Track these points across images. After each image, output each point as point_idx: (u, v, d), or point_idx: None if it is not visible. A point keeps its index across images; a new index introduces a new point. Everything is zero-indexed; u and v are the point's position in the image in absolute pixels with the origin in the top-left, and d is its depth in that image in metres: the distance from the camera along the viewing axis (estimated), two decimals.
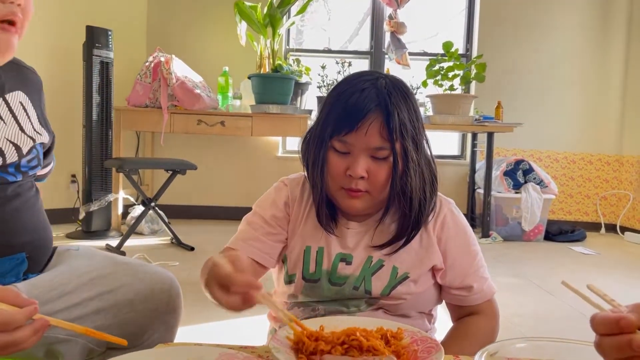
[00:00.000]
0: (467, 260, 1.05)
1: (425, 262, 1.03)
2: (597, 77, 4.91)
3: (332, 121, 0.96)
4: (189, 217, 4.55)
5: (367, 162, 0.95)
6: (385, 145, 0.94)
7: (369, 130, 0.93)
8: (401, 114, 0.94)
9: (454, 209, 1.07)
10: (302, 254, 1.04)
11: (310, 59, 4.73)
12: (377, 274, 1.01)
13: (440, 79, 4.07)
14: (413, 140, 0.97)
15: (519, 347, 0.77)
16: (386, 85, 0.96)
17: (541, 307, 2.65)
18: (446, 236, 1.04)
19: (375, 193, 0.97)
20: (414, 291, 1.02)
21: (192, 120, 3.93)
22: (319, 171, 0.99)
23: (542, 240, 4.36)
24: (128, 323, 1.00)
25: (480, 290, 1.05)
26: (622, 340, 0.52)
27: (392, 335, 0.81)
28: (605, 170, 4.99)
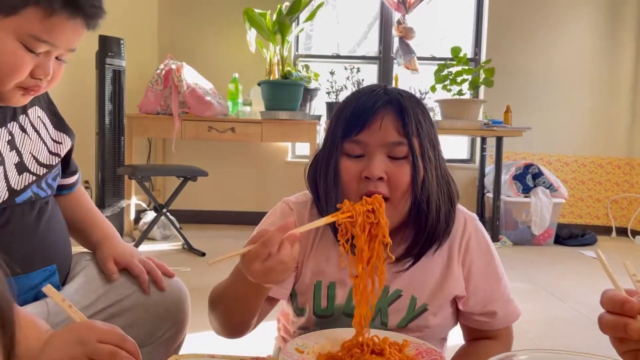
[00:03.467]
0: (491, 284, 0.97)
1: (446, 292, 0.95)
2: (606, 80, 4.89)
3: (341, 125, 0.90)
4: (199, 222, 4.60)
5: (384, 161, 0.87)
6: (402, 140, 0.87)
7: (383, 124, 0.87)
8: (415, 113, 0.89)
9: (478, 225, 0.99)
10: (311, 288, 0.96)
11: (319, 65, 4.76)
12: (394, 305, 0.95)
13: (449, 84, 4.08)
14: (430, 141, 0.91)
15: (522, 359, 0.79)
16: (397, 90, 0.93)
17: (551, 312, 2.65)
18: (470, 259, 0.96)
19: (396, 200, 0.88)
20: (432, 324, 0.95)
21: (203, 127, 3.97)
22: (332, 182, 0.90)
23: (552, 244, 4.35)
24: (141, 324, 1.04)
25: (504, 316, 0.98)
26: (619, 321, 0.54)
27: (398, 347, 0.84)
28: (615, 174, 4.97)
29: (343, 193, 0.90)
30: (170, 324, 1.07)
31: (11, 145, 0.96)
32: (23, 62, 0.85)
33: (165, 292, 1.08)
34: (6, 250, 0.91)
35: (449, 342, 1.08)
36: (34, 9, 0.82)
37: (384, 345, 0.82)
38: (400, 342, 0.84)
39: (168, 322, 1.07)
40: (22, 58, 0.85)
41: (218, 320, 0.94)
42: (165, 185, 4.69)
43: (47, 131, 1.04)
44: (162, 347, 1.06)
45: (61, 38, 0.87)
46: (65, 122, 1.10)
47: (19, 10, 0.81)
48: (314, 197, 0.97)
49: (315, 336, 0.88)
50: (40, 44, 0.85)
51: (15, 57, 0.84)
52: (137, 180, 3.44)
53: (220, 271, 0.89)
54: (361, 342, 0.83)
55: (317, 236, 0.97)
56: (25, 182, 0.96)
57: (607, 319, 0.55)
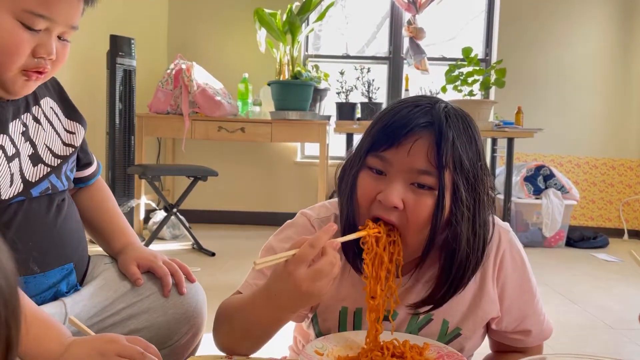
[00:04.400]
0: (526, 300, 0.91)
1: (480, 315, 0.89)
2: (619, 81, 4.84)
3: (372, 135, 0.82)
4: (209, 222, 4.60)
5: (404, 189, 0.78)
6: (430, 170, 0.77)
7: (413, 149, 0.77)
8: (457, 141, 0.77)
9: (513, 238, 0.91)
10: (336, 315, 0.90)
11: (329, 65, 4.75)
12: (424, 330, 0.89)
13: (460, 85, 4.05)
14: (468, 179, 0.79)
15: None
16: (447, 107, 0.81)
17: (564, 315, 2.62)
18: (504, 275, 0.89)
19: (408, 232, 0.79)
20: (465, 348, 0.90)
21: (213, 127, 3.97)
22: (348, 195, 0.83)
23: (564, 247, 4.31)
24: (159, 327, 1.03)
25: (538, 334, 0.93)
26: None
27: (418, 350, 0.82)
28: (628, 176, 4.92)
29: (356, 210, 0.83)
30: (187, 328, 1.06)
31: (25, 136, 0.95)
32: (22, 40, 0.81)
33: (184, 296, 1.06)
34: (25, 246, 0.91)
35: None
36: None
37: (404, 349, 0.81)
38: (420, 345, 0.83)
39: (185, 326, 1.05)
40: (20, 36, 0.81)
41: (224, 340, 0.87)
42: (174, 185, 4.69)
43: (59, 121, 1.03)
44: (178, 351, 1.05)
45: (59, 12, 0.83)
46: (76, 109, 1.08)
47: None
48: (338, 205, 0.89)
49: (335, 338, 0.87)
50: (37, 19, 0.82)
51: (14, 36, 0.80)
52: (147, 180, 3.44)
53: (230, 273, 0.87)
54: (381, 345, 0.81)
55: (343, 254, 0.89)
56: (40, 174, 0.95)
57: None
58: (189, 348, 1.08)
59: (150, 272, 1.07)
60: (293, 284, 0.72)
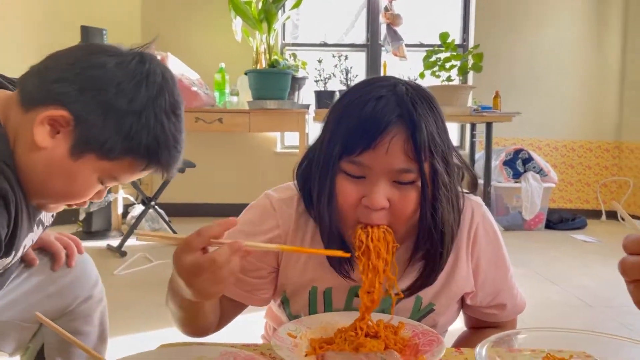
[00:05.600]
0: (500, 275, 0.91)
1: (454, 290, 0.89)
2: (595, 64, 4.89)
3: (341, 138, 0.77)
4: (189, 215, 4.55)
5: (388, 188, 0.76)
6: (411, 166, 0.75)
7: (390, 148, 0.74)
8: (429, 127, 0.76)
9: (485, 212, 0.91)
10: (306, 295, 0.89)
11: (307, 53, 4.71)
12: (398, 306, 0.87)
13: (438, 70, 4.05)
14: (443, 158, 0.78)
15: (520, 338, 0.77)
16: (408, 92, 0.77)
17: (544, 295, 2.65)
18: (478, 250, 0.89)
19: (398, 227, 0.79)
20: (439, 324, 0.90)
21: (190, 118, 3.91)
22: (327, 202, 0.79)
23: (543, 229, 4.36)
24: (52, 295, 1.08)
25: (512, 308, 0.93)
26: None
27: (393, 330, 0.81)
28: (604, 158, 4.98)
29: (339, 216, 0.80)
30: (79, 293, 1.11)
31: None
32: (92, 192, 0.85)
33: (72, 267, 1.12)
34: None
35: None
36: (131, 160, 0.81)
37: (379, 328, 0.80)
38: (395, 325, 0.82)
39: (77, 291, 1.11)
40: (93, 189, 0.85)
41: (174, 321, 0.89)
42: (152, 178, 4.63)
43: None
44: (84, 314, 1.11)
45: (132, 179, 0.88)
46: None
47: (116, 158, 0.81)
48: (305, 204, 0.87)
49: (309, 321, 0.85)
50: (113, 181, 0.86)
51: (88, 188, 0.85)
52: None
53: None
54: (355, 325, 0.80)
55: (306, 239, 0.88)
56: None
57: (632, 260, 0.50)
58: (94, 310, 1.14)
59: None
60: (179, 271, 0.67)
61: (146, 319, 2.21)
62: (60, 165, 0.79)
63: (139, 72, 0.79)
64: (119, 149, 0.79)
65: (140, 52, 0.82)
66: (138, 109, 0.78)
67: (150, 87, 0.79)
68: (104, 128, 0.77)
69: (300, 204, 0.88)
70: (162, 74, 0.81)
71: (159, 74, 0.81)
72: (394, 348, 0.76)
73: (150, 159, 0.82)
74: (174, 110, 0.82)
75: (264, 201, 0.91)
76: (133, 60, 0.80)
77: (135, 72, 0.79)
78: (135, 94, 0.78)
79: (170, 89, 0.81)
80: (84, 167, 0.80)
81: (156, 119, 0.79)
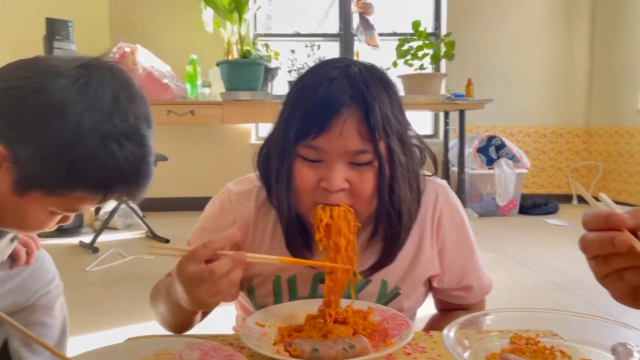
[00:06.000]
0: (466, 257, 0.91)
1: (419, 273, 0.88)
2: (564, 51, 4.96)
3: (296, 122, 0.77)
4: (163, 209, 4.49)
5: (345, 169, 0.76)
6: (366, 147, 0.75)
7: (344, 130, 0.74)
8: (383, 107, 0.75)
9: (450, 195, 0.91)
10: (270, 285, 0.88)
11: (280, 44, 4.68)
12: (364, 291, 0.87)
13: (410, 59, 4.06)
14: (399, 138, 0.78)
15: (488, 319, 0.77)
16: (360, 73, 0.77)
17: (516, 279, 2.69)
18: (443, 232, 0.89)
19: (359, 208, 0.78)
20: (405, 308, 0.89)
21: (161, 111, 3.85)
22: (285, 187, 0.79)
23: (517, 215, 4.42)
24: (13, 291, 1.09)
25: (480, 289, 0.93)
26: (604, 236, 0.50)
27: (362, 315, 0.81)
28: (575, 143, 5.07)
29: (298, 200, 0.79)
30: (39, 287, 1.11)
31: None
32: (49, 223, 0.79)
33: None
34: None
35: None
36: (82, 194, 0.74)
37: (347, 314, 0.79)
38: (364, 310, 0.81)
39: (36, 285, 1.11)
40: (50, 221, 0.79)
41: (157, 320, 0.89)
42: None
43: None
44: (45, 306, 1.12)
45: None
46: None
47: (63, 194, 0.73)
48: (267, 193, 0.86)
49: (278, 309, 0.84)
50: (73, 212, 0.80)
51: (44, 222, 0.79)
52: None
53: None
54: (324, 312, 0.79)
55: (270, 223, 0.87)
56: None
57: (591, 236, 0.50)
58: (55, 302, 1.15)
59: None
60: (181, 280, 0.69)
61: (119, 315, 2.18)
62: (7, 201, 0.73)
63: (84, 96, 0.69)
64: (64, 184, 0.71)
65: (89, 70, 0.72)
66: (82, 139, 0.69)
67: (95, 113, 0.69)
68: (45, 163, 0.69)
69: (260, 196, 0.88)
70: (113, 94, 0.71)
71: (107, 96, 0.71)
72: (363, 333, 0.76)
73: (105, 190, 0.74)
74: (128, 135, 0.72)
75: (224, 195, 0.91)
76: (78, 82, 0.70)
77: (79, 96, 0.69)
78: (79, 121, 0.68)
79: (122, 112, 0.71)
80: (32, 203, 0.74)
81: (104, 148, 0.70)
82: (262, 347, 0.72)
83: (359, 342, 0.70)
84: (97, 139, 0.69)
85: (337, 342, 0.70)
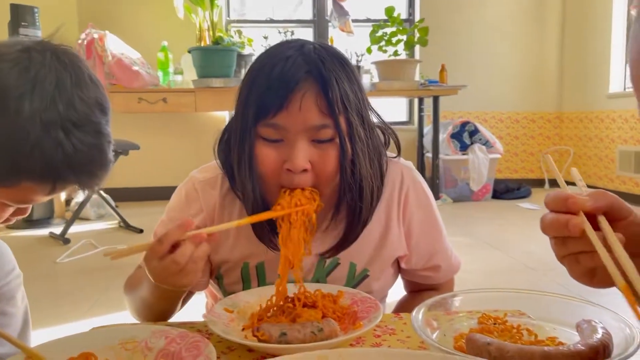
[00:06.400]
0: (433, 237, 0.91)
1: (387, 254, 0.88)
2: (536, 37, 5.01)
3: (254, 102, 0.76)
4: (136, 199, 4.43)
5: (307, 148, 0.75)
6: (326, 122, 0.75)
7: (303, 105, 0.73)
8: (340, 82, 0.75)
9: (415, 176, 0.91)
10: (239, 271, 0.88)
11: (253, 30, 4.63)
12: (332, 274, 0.87)
13: (384, 45, 4.06)
14: (358, 114, 0.78)
15: (456, 300, 0.78)
16: (315, 50, 0.77)
17: (489, 262, 2.73)
18: (410, 213, 0.88)
19: (323, 187, 0.78)
20: (375, 289, 0.89)
21: (133, 99, 3.78)
22: (247, 169, 0.78)
23: (490, 199, 4.48)
24: None
25: (448, 268, 0.93)
26: (561, 218, 0.51)
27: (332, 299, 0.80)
28: (547, 128, 5.15)
29: (261, 183, 0.78)
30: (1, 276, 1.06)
31: None
32: (2, 215, 0.76)
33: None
34: None
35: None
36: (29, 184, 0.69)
37: (317, 298, 0.78)
38: (334, 294, 0.81)
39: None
40: (2, 213, 0.75)
41: (131, 310, 0.89)
42: None
43: None
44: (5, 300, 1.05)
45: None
46: None
47: (7, 185, 0.69)
48: (229, 180, 0.85)
49: (246, 295, 0.83)
50: (25, 204, 0.76)
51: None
52: None
53: None
54: (293, 297, 0.79)
55: (236, 210, 0.86)
56: None
57: (550, 217, 0.52)
58: (16, 292, 1.08)
59: None
60: (149, 274, 0.71)
61: (90, 306, 2.14)
62: None
63: (22, 80, 0.65)
64: (8, 175, 0.67)
65: (29, 52, 0.67)
66: (22, 127, 0.64)
67: (36, 98, 0.65)
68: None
69: (225, 183, 0.86)
70: (56, 79, 0.66)
71: (49, 80, 0.66)
72: (332, 317, 0.75)
73: (54, 180, 0.70)
74: (76, 122, 0.68)
75: (188, 184, 0.90)
76: (18, 66, 0.65)
77: (17, 80, 0.65)
78: (18, 107, 0.64)
79: (67, 98, 0.67)
80: None
81: (48, 136, 0.65)
82: (230, 333, 0.71)
83: (328, 326, 0.70)
84: (38, 127, 0.65)
85: (305, 326, 0.69)
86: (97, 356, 0.69)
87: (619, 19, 4.48)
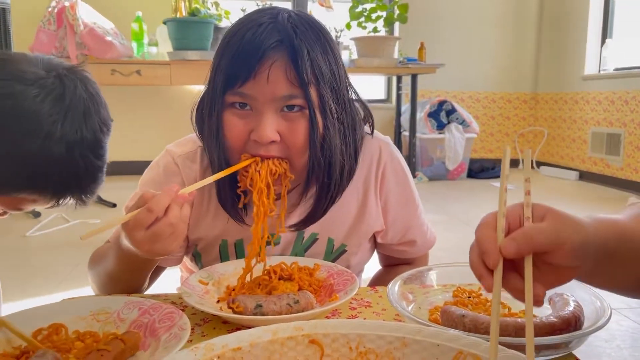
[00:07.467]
0: (409, 212, 0.91)
1: (364, 229, 0.88)
2: (515, 18, 5.03)
3: (223, 70, 0.74)
4: (109, 173, 4.33)
5: (276, 119, 0.74)
6: (295, 92, 0.73)
7: (271, 75, 0.71)
8: (313, 53, 0.73)
9: (393, 151, 0.90)
10: (217, 249, 0.87)
11: (231, 2, 4.52)
12: (311, 250, 0.87)
13: (364, 21, 4.02)
14: (332, 88, 0.76)
15: (431, 274, 0.78)
16: (290, 18, 0.75)
17: (464, 239, 2.76)
18: (387, 188, 0.88)
19: (294, 160, 0.77)
20: (352, 264, 0.90)
21: (105, 70, 3.68)
22: (215, 139, 0.76)
23: (465, 178, 4.53)
24: None
25: (423, 243, 0.94)
26: (477, 272, 0.52)
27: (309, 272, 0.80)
28: (522, 109, 5.20)
29: (229, 154, 0.77)
30: None
31: None
32: None
33: None
34: None
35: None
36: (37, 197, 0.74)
37: (293, 271, 0.78)
38: (311, 267, 0.81)
39: None
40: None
41: (99, 287, 0.87)
42: None
43: None
44: None
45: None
46: None
47: (22, 195, 0.73)
48: (204, 148, 0.83)
49: (222, 267, 0.82)
50: (10, 211, 0.80)
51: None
52: None
53: None
54: (269, 269, 0.78)
55: (212, 194, 0.85)
56: None
57: (472, 258, 0.52)
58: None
59: None
60: (134, 245, 0.69)
61: (60, 280, 2.11)
62: None
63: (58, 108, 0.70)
64: (22, 188, 0.72)
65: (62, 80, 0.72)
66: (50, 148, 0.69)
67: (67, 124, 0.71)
68: (7, 167, 0.70)
69: (205, 157, 0.85)
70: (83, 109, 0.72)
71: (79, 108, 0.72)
72: (309, 289, 0.75)
73: (60, 196, 0.75)
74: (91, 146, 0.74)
75: (166, 158, 0.88)
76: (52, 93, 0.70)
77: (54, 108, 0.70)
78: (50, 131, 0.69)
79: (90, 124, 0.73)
80: None
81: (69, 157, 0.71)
82: (205, 304, 0.70)
83: (304, 298, 0.69)
84: (63, 148, 0.70)
85: (281, 298, 0.69)
86: (68, 327, 0.67)
87: (596, 1, 4.52)
